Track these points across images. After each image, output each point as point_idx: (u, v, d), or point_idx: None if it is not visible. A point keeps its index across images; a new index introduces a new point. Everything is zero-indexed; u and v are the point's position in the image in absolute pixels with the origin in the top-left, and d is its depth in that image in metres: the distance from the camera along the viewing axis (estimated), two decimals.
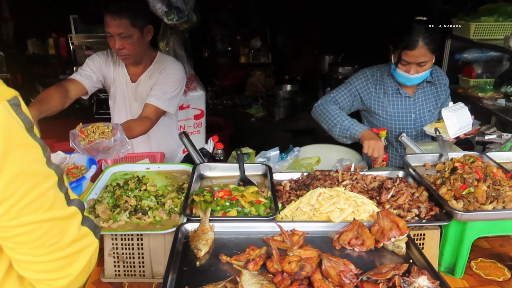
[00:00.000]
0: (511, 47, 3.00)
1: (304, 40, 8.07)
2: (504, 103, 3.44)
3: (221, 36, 8.13)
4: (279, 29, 8.14)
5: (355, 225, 1.42)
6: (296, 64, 8.16)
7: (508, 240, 1.83)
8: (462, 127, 2.13)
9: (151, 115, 2.26)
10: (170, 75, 2.35)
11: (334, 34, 7.54)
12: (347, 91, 2.42)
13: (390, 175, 1.91)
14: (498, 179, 1.65)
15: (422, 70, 2.21)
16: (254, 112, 7.52)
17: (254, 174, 1.91)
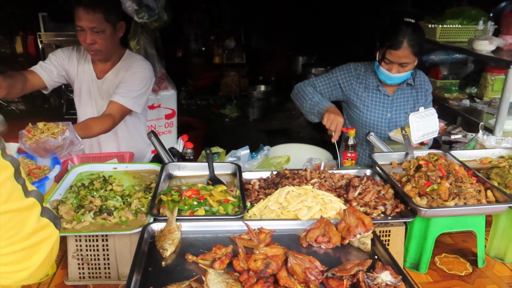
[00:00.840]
0: (475, 50, 3.10)
1: (277, 41, 8.11)
2: (469, 103, 3.55)
3: (195, 36, 8.07)
4: (253, 30, 8.15)
5: (322, 222, 1.43)
6: (270, 65, 8.19)
7: (470, 235, 1.89)
8: (426, 133, 2.17)
9: (115, 113, 2.21)
10: (137, 73, 2.31)
11: (307, 35, 7.62)
12: (327, 79, 2.48)
13: (358, 173, 1.94)
14: (460, 176, 1.70)
15: (404, 71, 2.26)
16: (228, 112, 7.51)
17: (223, 173, 1.90)
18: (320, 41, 7.42)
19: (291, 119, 7.29)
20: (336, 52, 7.08)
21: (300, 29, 7.65)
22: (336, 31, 6.95)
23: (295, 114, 7.42)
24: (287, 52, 7.94)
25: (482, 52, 3.06)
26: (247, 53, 8.04)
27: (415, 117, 2.14)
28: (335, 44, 7.05)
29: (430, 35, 3.64)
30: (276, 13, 7.73)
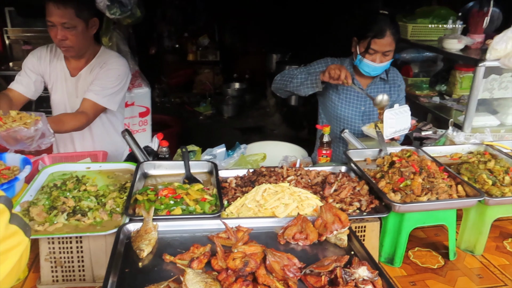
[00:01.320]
0: (444, 48, 3.19)
1: (252, 38, 8.11)
2: (439, 100, 3.65)
3: (168, 33, 7.97)
4: (227, 27, 8.12)
5: (299, 219, 1.44)
6: (244, 62, 8.19)
7: (442, 229, 1.94)
8: (398, 130, 2.23)
9: (88, 111, 2.16)
10: (112, 70, 2.26)
11: (281, 33, 7.65)
12: (306, 70, 2.51)
13: (333, 170, 1.96)
14: (432, 172, 1.75)
15: (386, 60, 2.34)
16: (202, 110, 7.46)
17: (199, 172, 1.89)
18: (294, 39, 7.46)
19: (265, 117, 7.31)
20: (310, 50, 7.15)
21: (274, 27, 7.67)
22: (310, 29, 7.00)
23: (269, 111, 7.45)
24: (261, 49, 7.95)
25: (452, 50, 3.15)
26: (221, 51, 8.02)
27: (390, 113, 2.19)
28: (309, 42, 7.11)
29: (401, 33, 3.70)
30: (250, 10, 7.72)
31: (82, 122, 2.12)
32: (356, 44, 2.37)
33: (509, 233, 1.97)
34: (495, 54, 2.03)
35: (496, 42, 2.01)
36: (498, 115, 3.05)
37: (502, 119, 3.05)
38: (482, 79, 2.76)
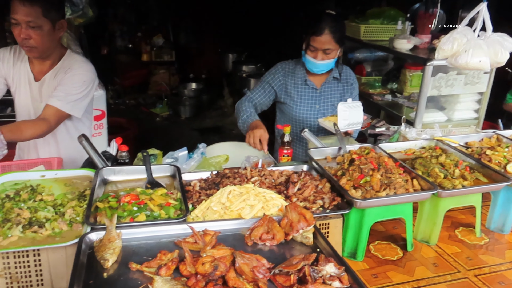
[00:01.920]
0: (395, 48, 3.32)
1: (207, 38, 8.06)
2: (391, 98, 3.80)
3: (121, 33, 7.75)
4: (182, 26, 8.02)
5: (265, 220, 1.45)
6: (200, 62, 8.12)
7: (399, 222, 2.03)
8: (351, 123, 2.31)
9: (50, 118, 2.05)
10: (77, 75, 2.16)
11: (237, 33, 7.66)
12: (261, 88, 2.60)
13: (296, 169, 1.99)
14: (389, 167, 1.82)
15: (328, 58, 2.40)
16: (159, 111, 7.32)
17: (162, 176, 1.85)
18: (250, 39, 7.49)
19: (223, 117, 7.29)
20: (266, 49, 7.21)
21: (230, 26, 7.67)
22: (266, 28, 7.06)
23: (227, 111, 7.44)
24: (217, 49, 7.92)
25: (402, 50, 3.29)
26: (177, 51, 7.90)
27: (343, 106, 2.27)
28: (265, 41, 7.17)
29: (354, 34, 3.84)
30: (205, 10, 7.67)
31: (43, 130, 2.02)
32: (303, 41, 2.45)
33: (460, 222, 2.09)
34: (443, 54, 2.14)
35: (444, 43, 2.12)
36: (446, 111, 3.22)
37: (449, 115, 3.22)
38: (431, 78, 2.90)
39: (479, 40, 2.03)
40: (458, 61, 2.07)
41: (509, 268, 1.76)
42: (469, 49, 2.00)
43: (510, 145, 2.19)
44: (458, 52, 2.06)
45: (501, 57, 2.02)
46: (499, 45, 2.03)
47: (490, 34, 2.05)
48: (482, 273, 1.72)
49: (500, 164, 2.05)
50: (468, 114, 3.19)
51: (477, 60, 1.99)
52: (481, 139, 2.43)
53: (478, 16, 2.04)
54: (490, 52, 2.02)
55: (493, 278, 1.68)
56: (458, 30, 2.08)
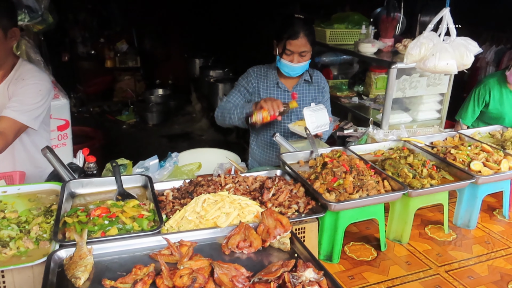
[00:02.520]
0: (360, 52, 3.41)
1: (173, 43, 7.97)
2: (358, 100, 3.89)
3: (82, 39, 7.53)
4: (147, 31, 7.89)
5: (241, 227, 1.44)
6: (166, 68, 8.02)
7: (372, 222, 2.07)
8: (319, 125, 2.34)
9: (7, 130, 1.94)
10: (32, 85, 2.05)
11: (203, 37, 7.62)
12: (237, 91, 2.60)
13: (269, 174, 1.99)
14: (361, 170, 1.85)
15: (303, 60, 2.44)
16: (125, 118, 7.16)
17: (133, 186, 1.80)
18: (216, 43, 7.47)
19: (192, 122, 7.22)
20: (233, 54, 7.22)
21: (196, 31, 7.62)
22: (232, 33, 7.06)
23: (195, 117, 7.37)
24: (183, 54, 7.85)
25: (366, 54, 3.37)
26: (142, 56, 7.77)
27: (309, 111, 2.30)
28: (232, 46, 7.17)
29: (321, 38, 3.90)
30: (170, 15, 7.59)
31: (1, 144, 1.91)
32: (276, 46, 2.47)
33: (429, 220, 2.15)
34: (411, 58, 2.21)
35: (411, 48, 2.19)
36: (410, 112, 3.33)
37: (414, 115, 3.33)
38: (395, 80, 2.99)
39: (445, 44, 2.11)
40: (427, 65, 2.14)
41: (477, 262, 1.82)
42: (436, 53, 2.07)
43: (473, 144, 2.28)
44: (426, 56, 2.12)
45: (466, 59, 2.11)
46: (464, 48, 2.11)
47: (454, 38, 2.13)
48: (452, 268, 1.77)
49: (464, 162, 2.13)
50: (431, 115, 3.31)
51: (444, 63, 2.06)
52: (445, 139, 2.52)
53: (442, 21, 2.11)
54: (456, 55, 2.10)
55: (463, 273, 1.74)
56: (424, 35, 2.15)
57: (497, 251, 1.90)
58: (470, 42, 2.16)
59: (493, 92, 3.23)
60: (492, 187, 2.09)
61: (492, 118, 3.31)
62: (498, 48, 5.73)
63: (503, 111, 3.25)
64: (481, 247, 1.93)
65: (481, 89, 3.25)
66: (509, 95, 3.23)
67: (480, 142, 2.33)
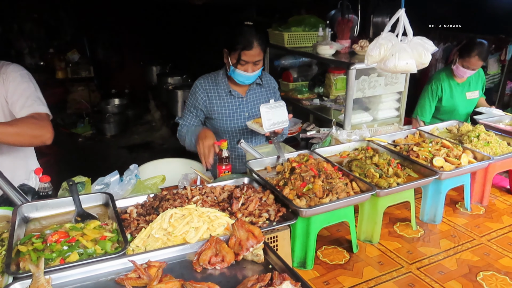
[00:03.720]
0: (318, 54, 3.43)
1: (127, 51, 7.76)
2: (319, 102, 3.92)
3: (30, 50, 7.15)
4: (99, 40, 7.62)
5: (212, 242, 1.38)
6: (122, 76, 7.79)
7: (342, 224, 2.06)
8: (276, 122, 2.30)
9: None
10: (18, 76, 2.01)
11: (159, 44, 7.46)
12: (189, 113, 2.59)
13: (236, 182, 1.94)
14: (329, 173, 1.84)
15: (257, 69, 2.43)
16: (80, 131, 6.87)
17: (93, 206, 1.70)
18: (174, 50, 7.34)
19: (152, 131, 7.04)
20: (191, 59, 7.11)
21: (151, 38, 7.45)
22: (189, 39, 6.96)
23: (155, 126, 7.20)
24: (139, 62, 7.65)
25: (325, 55, 3.40)
26: (95, 66, 7.49)
27: (265, 108, 2.25)
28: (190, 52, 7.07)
29: (279, 41, 3.90)
30: (122, 22, 7.37)
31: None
32: (227, 56, 2.43)
33: (397, 217, 2.18)
34: (371, 60, 2.23)
35: (371, 49, 2.21)
36: (370, 111, 3.38)
37: (374, 114, 3.39)
38: (355, 80, 3.03)
39: (403, 44, 2.14)
40: (387, 65, 2.17)
41: (445, 256, 1.85)
42: (396, 53, 2.10)
43: (433, 140, 2.34)
44: (386, 57, 2.15)
45: (424, 58, 2.15)
46: (421, 48, 2.16)
47: (411, 38, 2.17)
48: (423, 265, 1.79)
49: (426, 159, 2.17)
50: (391, 113, 3.38)
51: (404, 62, 2.10)
52: (406, 136, 2.57)
53: (398, 22, 2.14)
54: (415, 54, 2.14)
55: (433, 269, 1.76)
56: (383, 36, 2.18)
57: (463, 244, 1.94)
58: (426, 41, 2.21)
59: (444, 86, 3.41)
60: (454, 182, 2.15)
61: (446, 112, 3.45)
62: (445, 45, 6.00)
63: (455, 104, 3.41)
64: (448, 241, 1.97)
65: (433, 85, 3.42)
66: (457, 88, 3.42)
67: (440, 138, 2.39)
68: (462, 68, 3.27)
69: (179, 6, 6.07)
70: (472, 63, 3.21)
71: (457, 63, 3.30)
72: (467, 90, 3.45)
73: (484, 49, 3.20)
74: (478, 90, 3.49)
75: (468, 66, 3.24)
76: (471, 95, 3.45)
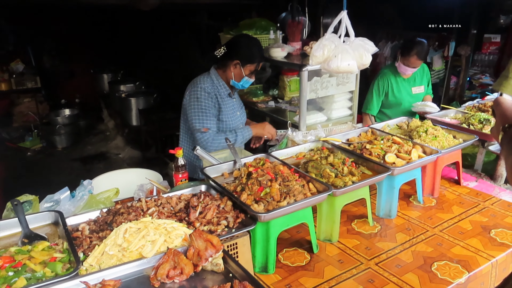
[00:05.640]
0: (271, 56, 3.45)
1: (76, 59, 7.47)
2: (274, 104, 3.94)
3: None
4: (45, 49, 7.28)
5: (170, 254, 1.35)
6: (71, 86, 7.49)
7: (302, 225, 2.08)
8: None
9: None
10: None
11: (109, 51, 7.25)
12: (211, 115, 2.62)
13: (194, 191, 1.91)
14: (286, 175, 1.84)
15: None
16: (29, 145, 6.53)
17: (41, 225, 1.61)
18: (125, 57, 7.14)
19: (106, 141, 6.82)
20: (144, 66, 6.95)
21: (100, 46, 7.21)
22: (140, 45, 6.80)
23: (110, 135, 6.98)
24: (89, 70, 7.39)
25: (277, 58, 3.42)
26: (41, 76, 7.14)
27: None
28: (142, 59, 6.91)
29: None
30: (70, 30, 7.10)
31: None
32: (239, 66, 2.63)
33: (354, 214, 2.23)
34: (315, 60, 2.27)
35: (315, 50, 2.25)
36: (324, 112, 3.44)
37: (328, 114, 3.45)
38: (307, 82, 3.07)
39: (345, 45, 2.20)
40: (330, 66, 2.22)
41: (402, 250, 1.91)
42: (338, 54, 2.15)
43: (385, 137, 2.41)
44: (329, 57, 2.20)
45: (365, 59, 2.22)
46: (362, 49, 2.22)
47: (353, 39, 2.24)
48: (381, 260, 1.84)
49: (379, 155, 2.23)
50: (344, 112, 3.45)
51: (346, 63, 2.15)
52: (359, 134, 2.63)
53: (341, 23, 2.20)
54: (356, 55, 2.21)
55: (391, 263, 1.81)
56: (326, 37, 2.23)
57: (417, 236, 2.02)
58: (367, 42, 2.28)
59: (390, 82, 3.57)
60: (406, 176, 2.22)
61: (392, 106, 3.62)
62: (393, 44, 6.25)
63: (401, 98, 3.58)
64: (404, 235, 2.03)
65: (380, 80, 3.59)
66: (403, 83, 3.59)
67: (391, 135, 2.47)
68: (403, 66, 3.43)
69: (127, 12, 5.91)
70: (412, 62, 3.39)
71: (399, 61, 3.46)
72: (413, 85, 3.61)
73: (423, 48, 3.37)
74: (423, 85, 3.66)
75: (409, 65, 3.40)
76: (417, 90, 3.62)
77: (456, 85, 6.52)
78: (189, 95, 2.64)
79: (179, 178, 2.10)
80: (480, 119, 2.83)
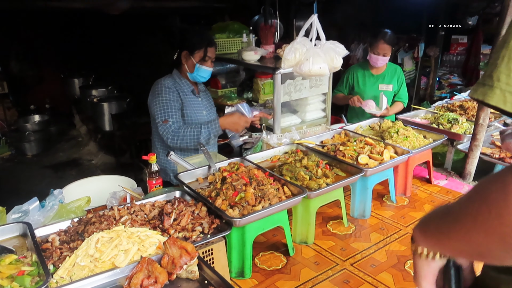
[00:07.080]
0: (244, 60, 3.45)
1: (45, 64, 7.27)
2: None
3: None
4: (12, 54, 7.05)
5: (143, 263, 1.32)
6: (40, 91, 7.28)
7: (278, 229, 2.08)
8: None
9: None
10: None
11: (80, 55, 7.08)
12: (173, 108, 2.56)
13: (168, 197, 1.88)
14: (260, 179, 1.84)
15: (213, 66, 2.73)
16: None
17: (8, 238, 1.55)
18: (96, 61, 7.00)
19: (79, 147, 6.65)
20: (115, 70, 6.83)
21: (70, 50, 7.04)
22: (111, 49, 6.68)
23: (82, 141, 6.82)
24: (59, 75, 7.20)
25: (250, 61, 3.42)
26: (9, 81, 6.91)
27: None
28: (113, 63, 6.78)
29: None
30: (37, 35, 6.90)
31: None
32: (189, 56, 2.60)
33: (329, 216, 2.25)
34: (287, 63, 2.29)
35: (287, 53, 2.27)
36: (298, 114, 3.47)
37: (302, 116, 3.47)
38: (281, 85, 3.08)
39: (317, 49, 2.23)
40: (302, 69, 2.24)
41: (376, 250, 1.94)
42: (309, 57, 2.17)
43: (357, 139, 2.45)
44: (301, 61, 2.22)
45: (336, 62, 2.25)
46: (333, 52, 2.25)
47: (324, 43, 2.27)
48: (356, 260, 1.86)
49: (352, 157, 2.27)
50: (318, 114, 3.49)
51: (317, 67, 2.18)
52: (332, 136, 2.67)
53: (311, 27, 2.22)
54: (327, 58, 2.24)
55: (366, 263, 1.84)
56: (298, 41, 2.24)
57: (391, 235, 2.06)
58: (338, 45, 2.31)
59: (357, 75, 3.71)
60: (379, 177, 2.27)
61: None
62: (364, 45, 6.37)
63: (366, 91, 3.67)
64: (378, 234, 2.07)
65: (347, 74, 3.78)
66: (371, 78, 3.69)
67: (364, 136, 2.51)
68: (374, 55, 3.52)
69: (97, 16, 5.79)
70: (380, 47, 3.47)
71: (369, 53, 3.56)
72: (381, 82, 3.69)
73: (388, 35, 3.47)
74: (392, 85, 3.73)
75: (379, 52, 3.49)
76: (384, 87, 3.71)
77: (426, 85, 6.70)
78: (151, 93, 2.63)
79: (153, 184, 2.07)
80: (448, 118, 2.91)
